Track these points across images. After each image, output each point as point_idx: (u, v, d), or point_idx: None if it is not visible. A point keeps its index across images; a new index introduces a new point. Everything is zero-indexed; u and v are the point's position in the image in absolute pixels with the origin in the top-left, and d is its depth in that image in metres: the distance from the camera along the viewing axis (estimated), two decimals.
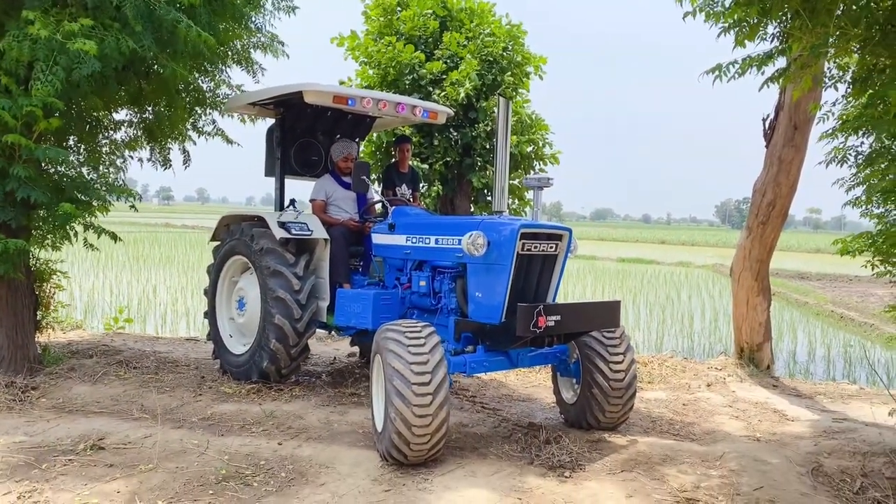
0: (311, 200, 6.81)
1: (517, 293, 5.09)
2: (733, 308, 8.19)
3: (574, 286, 21.54)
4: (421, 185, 7.95)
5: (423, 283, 5.72)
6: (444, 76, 9.34)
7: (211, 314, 7.02)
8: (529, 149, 9.80)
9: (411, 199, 7.75)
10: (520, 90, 9.96)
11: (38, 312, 6.88)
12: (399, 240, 5.95)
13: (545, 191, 5.53)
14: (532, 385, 7.20)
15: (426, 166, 9.25)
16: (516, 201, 10.03)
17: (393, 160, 7.77)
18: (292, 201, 7.26)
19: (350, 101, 6.23)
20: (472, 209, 9.91)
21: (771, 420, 6.14)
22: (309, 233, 6.29)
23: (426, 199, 9.55)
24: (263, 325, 6.20)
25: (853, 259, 5.25)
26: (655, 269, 30.83)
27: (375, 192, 7.65)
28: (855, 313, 16.89)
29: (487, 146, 9.36)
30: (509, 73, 9.55)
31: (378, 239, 6.23)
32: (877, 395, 7.17)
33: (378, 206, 7.19)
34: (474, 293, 5.24)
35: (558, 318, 4.77)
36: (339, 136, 7.31)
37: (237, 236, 6.64)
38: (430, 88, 9.27)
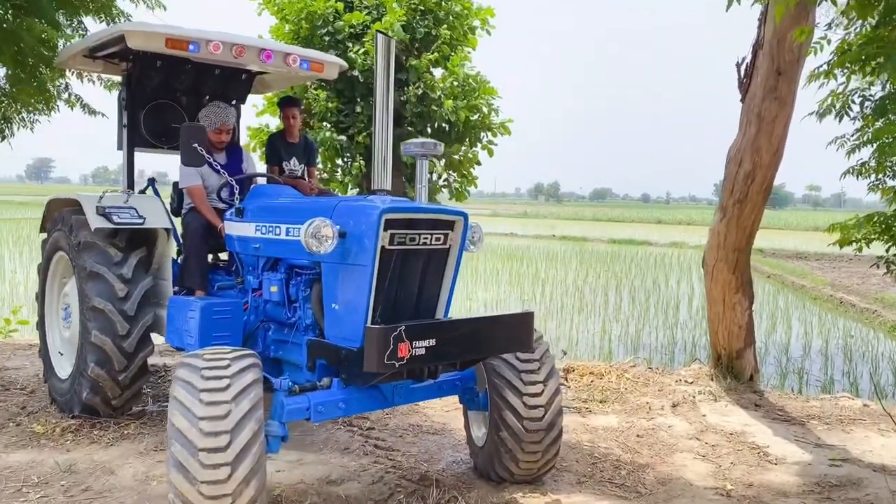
0: (186, 188, 5.20)
1: (389, 305, 3.63)
2: (708, 307, 6.68)
3: (557, 271, 20.08)
4: (317, 158, 6.42)
5: (274, 287, 4.23)
6: (368, 30, 7.77)
7: (41, 325, 5.54)
8: (475, 116, 8.26)
9: (305, 176, 6.24)
10: (463, 48, 8.39)
11: None
12: (248, 229, 4.46)
13: (545, 170, 4.05)
14: (457, 407, 5.73)
15: (344, 138, 7.72)
16: (451, 178, 8.52)
17: (279, 130, 6.23)
18: (151, 181, 5.75)
19: (192, 46, 4.71)
20: (406, 189, 8.40)
21: (748, 462, 4.67)
22: (139, 221, 4.79)
23: (347, 178, 8.04)
24: (81, 345, 4.73)
25: (859, 251, 3.73)
26: (647, 250, 29.36)
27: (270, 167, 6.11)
28: (855, 297, 15.46)
29: (421, 112, 7.82)
30: (445, 25, 7.97)
31: (229, 228, 4.74)
32: (885, 417, 5.70)
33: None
34: (330, 304, 3.77)
35: (432, 342, 3.29)
36: (208, 97, 5.77)
37: (59, 226, 5.15)
38: (349, 44, 7.72)
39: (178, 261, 5.16)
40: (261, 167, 6.02)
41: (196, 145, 4.35)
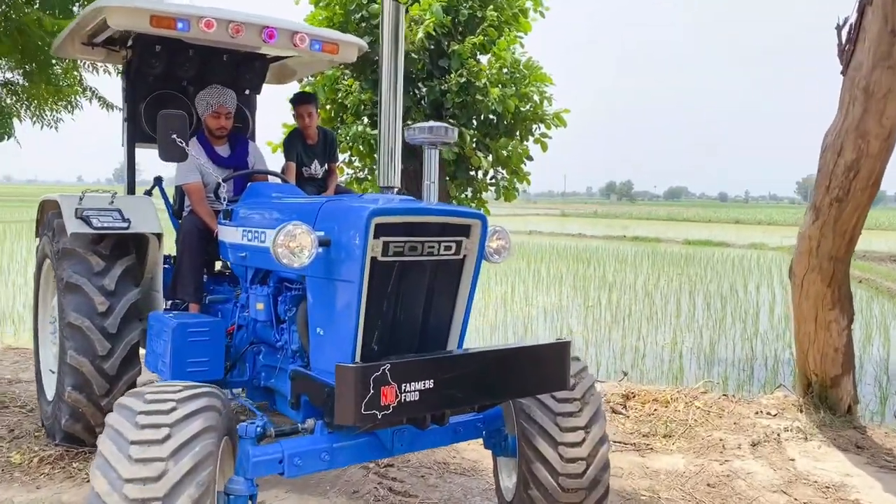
0: (183, 186, 4.64)
1: (386, 332, 2.91)
2: (795, 325, 5.64)
3: (626, 275, 18.92)
4: (338, 152, 5.74)
5: (260, 304, 3.54)
6: (406, 13, 7.03)
7: (35, 339, 5.06)
8: (526, 107, 7.43)
9: (331, 176, 5.59)
10: (511, 31, 7.57)
11: None
12: (236, 235, 3.80)
13: (618, 169, 3.39)
14: None
15: (377, 132, 7.01)
16: (500, 175, 7.71)
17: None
18: (158, 180, 5.22)
19: (180, 24, 4.09)
20: (448, 190, 7.64)
21: None
22: (123, 225, 4.19)
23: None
24: (59, 366, 4.19)
25: None
26: (724, 252, 27.68)
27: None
28: None
29: (465, 102, 7.05)
30: (492, 6, 7.18)
31: (222, 234, 4.10)
32: None
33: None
34: (315, 327, 3.06)
35: (429, 384, 2.54)
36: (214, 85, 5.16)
37: (46, 231, 4.63)
38: None
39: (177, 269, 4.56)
40: (276, 164, 5.38)
41: (174, 136, 3.71)
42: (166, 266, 4.68)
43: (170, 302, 4.46)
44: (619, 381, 6.49)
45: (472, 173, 7.66)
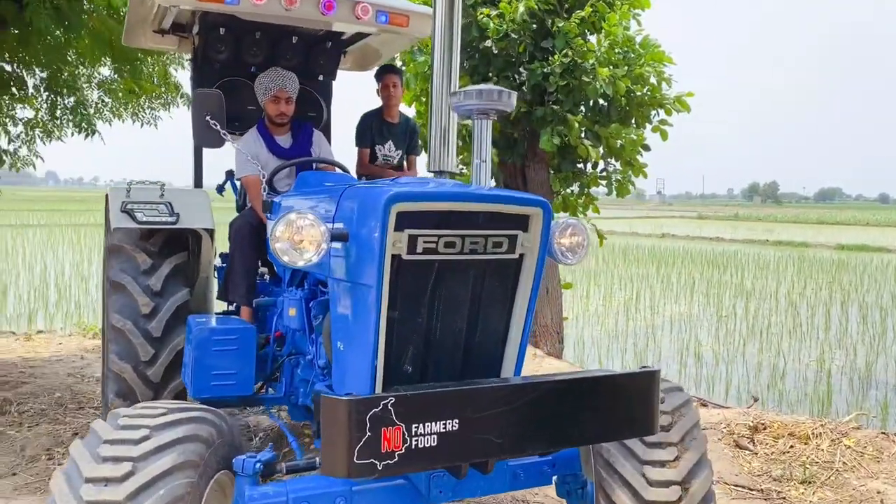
0: (242, 179, 4.27)
1: (417, 353, 2.31)
2: None
3: (767, 282, 17.18)
4: (419, 146, 5.18)
5: (293, 310, 3.03)
6: None
7: (103, 338, 4.87)
8: (644, 90, 6.58)
9: (405, 166, 5.05)
10: (629, 7, 6.73)
11: None
12: None
13: (761, 169, 4.29)
14: None
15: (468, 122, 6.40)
16: (612, 167, 6.87)
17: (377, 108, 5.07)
18: (229, 174, 4.92)
19: None
20: (551, 184, 6.91)
21: None
22: (171, 220, 3.84)
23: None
24: (104, 371, 3.91)
25: None
26: (884, 258, 24.78)
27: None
28: None
29: (570, 85, 6.32)
30: None
31: (268, 229, 3.65)
32: None
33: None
34: (336, 340, 2.50)
35: (454, 425, 1.91)
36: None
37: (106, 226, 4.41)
38: (480, 7, 6.42)
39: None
40: (344, 156, 4.90)
41: (209, 118, 3.28)
42: (224, 266, 4.33)
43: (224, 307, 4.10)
44: (747, 408, 5.49)
45: (580, 166, 6.89)
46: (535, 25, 6.40)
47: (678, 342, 10.34)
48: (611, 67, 6.26)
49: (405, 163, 5.01)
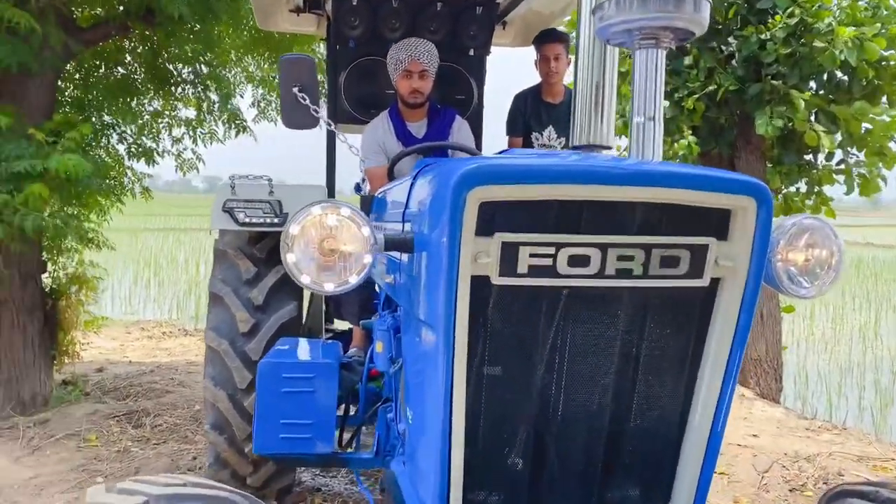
0: (365, 171, 3.61)
1: (531, 431, 1.37)
2: None
3: None
4: None
5: (380, 345, 2.17)
6: None
7: None
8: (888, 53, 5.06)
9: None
10: None
11: (63, 333, 5.13)
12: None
13: None
14: None
15: (666, 103, 5.25)
16: (853, 158, 5.34)
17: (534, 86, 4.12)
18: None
19: None
20: (769, 180, 5.50)
21: None
22: (276, 221, 3.21)
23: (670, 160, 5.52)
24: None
25: None
26: None
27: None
28: None
29: (795, 53, 4.96)
30: None
31: None
32: None
33: None
34: (407, 404, 1.63)
35: None
36: None
37: None
38: None
39: None
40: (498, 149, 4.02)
41: (297, 90, 2.57)
42: None
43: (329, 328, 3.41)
44: None
45: (809, 157, 5.42)
46: None
47: None
48: (855, 27, 4.78)
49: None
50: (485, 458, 1.41)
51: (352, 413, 2.61)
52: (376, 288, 3.27)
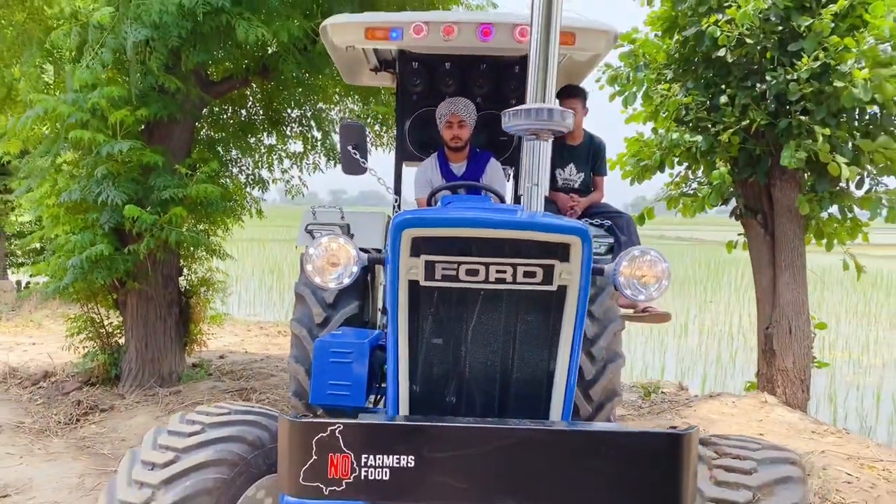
0: (417, 200, 4.60)
1: (448, 383, 2.28)
2: None
3: None
4: (606, 165, 4.88)
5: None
6: None
7: None
8: None
9: (592, 190, 4.84)
10: None
11: (193, 325, 6.42)
12: None
13: None
14: None
15: (700, 138, 5.89)
16: (879, 186, 5.73)
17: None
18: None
19: (393, 34, 3.98)
20: (798, 206, 5.97)
21: None
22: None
23: (703, 192, 6.12)
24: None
25: None
26: None
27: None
28: None
29: (818, 91, 5.49)
30: None
31: None
32: None
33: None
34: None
35: (409, 461, 1.84)
36: (480, 100, 4.91)
37: None
38: (709, 14, 5.88)
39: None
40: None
41: (350, 149, 3.56)
42: None
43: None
44: None
45: (843, 185, 5.83)
46: (779, 27, 5.63)
47: None
48: (877, 66, 5.23)
49: (593, 185, 4.80)
50: (422, 397, 2.29)
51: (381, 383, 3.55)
52: None
